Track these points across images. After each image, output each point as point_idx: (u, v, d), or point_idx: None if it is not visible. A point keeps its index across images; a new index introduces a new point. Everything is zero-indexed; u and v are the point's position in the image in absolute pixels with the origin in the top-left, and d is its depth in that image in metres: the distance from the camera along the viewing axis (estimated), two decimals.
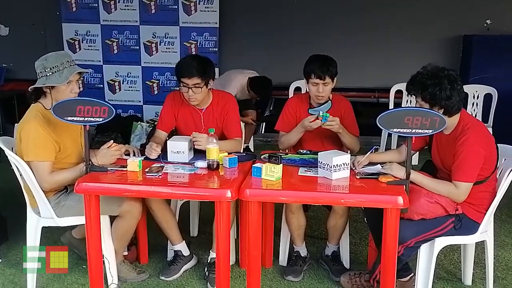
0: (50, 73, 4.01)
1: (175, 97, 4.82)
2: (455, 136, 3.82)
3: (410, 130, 3.61)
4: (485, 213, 3.91)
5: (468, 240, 4.06)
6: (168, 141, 4.36)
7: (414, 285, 4.12)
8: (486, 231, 4.03)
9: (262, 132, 9.83)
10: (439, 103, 3.72)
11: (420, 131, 3.60)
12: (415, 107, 3.81)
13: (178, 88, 4.68)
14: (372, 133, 6.85)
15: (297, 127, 4.67)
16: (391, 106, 7.45)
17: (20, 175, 4.13)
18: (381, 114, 3.66)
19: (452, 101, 3.72)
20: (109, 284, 4.35)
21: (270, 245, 4.79)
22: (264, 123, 10.04)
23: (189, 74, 4.50)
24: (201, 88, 4.55)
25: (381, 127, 3.70)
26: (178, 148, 4.29)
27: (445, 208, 3.80)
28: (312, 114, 4.62)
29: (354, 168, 4.06)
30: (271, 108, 10.26)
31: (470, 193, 3.77)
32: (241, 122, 4.99)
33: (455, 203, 3.82)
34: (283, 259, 4.84)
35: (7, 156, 4.06)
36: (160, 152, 4.35)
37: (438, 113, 3.62)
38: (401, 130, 3.63)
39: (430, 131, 3.62)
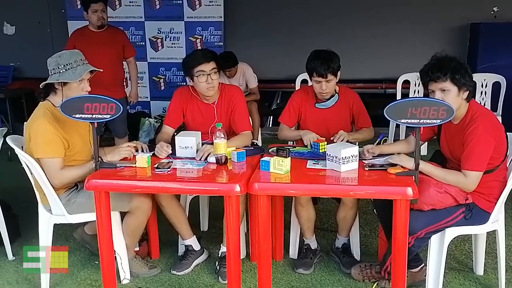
0: (63, 70, 4.03)
1: (183, 93, 4.83)
2: (464, 126, 3.80)
3: (418, 120, 3.57)
4: (495, 203, 3.87)
5: (479, 230, 4.04)
6: (176, 137, 4.36)
7: (425, 276, 4.10)
8: (497, 220, 4.00)
9: (270, 126, 9.84)
10: (468, 85, 3.73)
11: (428, 121, 3.56)
12: (423, 97, 3.77)
13: (185, 84, 4.70)
14: (380, 124, 6.82)
15: (299, 133, 4.73)
16: (398, 96, 7.33)
17: (31, 173, 4.15)
18: (389, 105, 3.63)
19: (474, 84, 3.75)
20: (121, 280, 4.39)
21: (280, 238, 4.79)
22: (271, 117, 10.05)
23: (207, 59, 4.57)
24: (218, 73, 4.63)
25: (388, 118, 3.67)
26: (186, 143, 4.29)
27: (455, 198, 3.78)
28: (319, 108, 4.78)
29: (364, 154, 4.09)
30: (278, 101, 10.28)
31: (480, 183, 3.75)
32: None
33: (465, 192, 3.79)
34: (293, 252, 4.85)
35: (17, 155, 4.08)
36: (170, 152, 4.36)
37: (446, 102, 3.58)
38: (409, 121, 3.59)
39: (439, 121, 3.57)
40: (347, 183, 3.72)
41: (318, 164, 4.06)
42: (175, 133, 4.66)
